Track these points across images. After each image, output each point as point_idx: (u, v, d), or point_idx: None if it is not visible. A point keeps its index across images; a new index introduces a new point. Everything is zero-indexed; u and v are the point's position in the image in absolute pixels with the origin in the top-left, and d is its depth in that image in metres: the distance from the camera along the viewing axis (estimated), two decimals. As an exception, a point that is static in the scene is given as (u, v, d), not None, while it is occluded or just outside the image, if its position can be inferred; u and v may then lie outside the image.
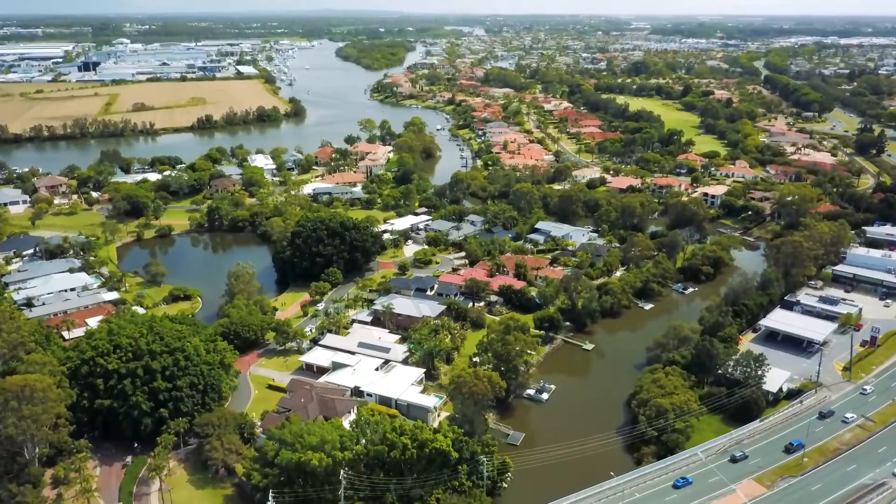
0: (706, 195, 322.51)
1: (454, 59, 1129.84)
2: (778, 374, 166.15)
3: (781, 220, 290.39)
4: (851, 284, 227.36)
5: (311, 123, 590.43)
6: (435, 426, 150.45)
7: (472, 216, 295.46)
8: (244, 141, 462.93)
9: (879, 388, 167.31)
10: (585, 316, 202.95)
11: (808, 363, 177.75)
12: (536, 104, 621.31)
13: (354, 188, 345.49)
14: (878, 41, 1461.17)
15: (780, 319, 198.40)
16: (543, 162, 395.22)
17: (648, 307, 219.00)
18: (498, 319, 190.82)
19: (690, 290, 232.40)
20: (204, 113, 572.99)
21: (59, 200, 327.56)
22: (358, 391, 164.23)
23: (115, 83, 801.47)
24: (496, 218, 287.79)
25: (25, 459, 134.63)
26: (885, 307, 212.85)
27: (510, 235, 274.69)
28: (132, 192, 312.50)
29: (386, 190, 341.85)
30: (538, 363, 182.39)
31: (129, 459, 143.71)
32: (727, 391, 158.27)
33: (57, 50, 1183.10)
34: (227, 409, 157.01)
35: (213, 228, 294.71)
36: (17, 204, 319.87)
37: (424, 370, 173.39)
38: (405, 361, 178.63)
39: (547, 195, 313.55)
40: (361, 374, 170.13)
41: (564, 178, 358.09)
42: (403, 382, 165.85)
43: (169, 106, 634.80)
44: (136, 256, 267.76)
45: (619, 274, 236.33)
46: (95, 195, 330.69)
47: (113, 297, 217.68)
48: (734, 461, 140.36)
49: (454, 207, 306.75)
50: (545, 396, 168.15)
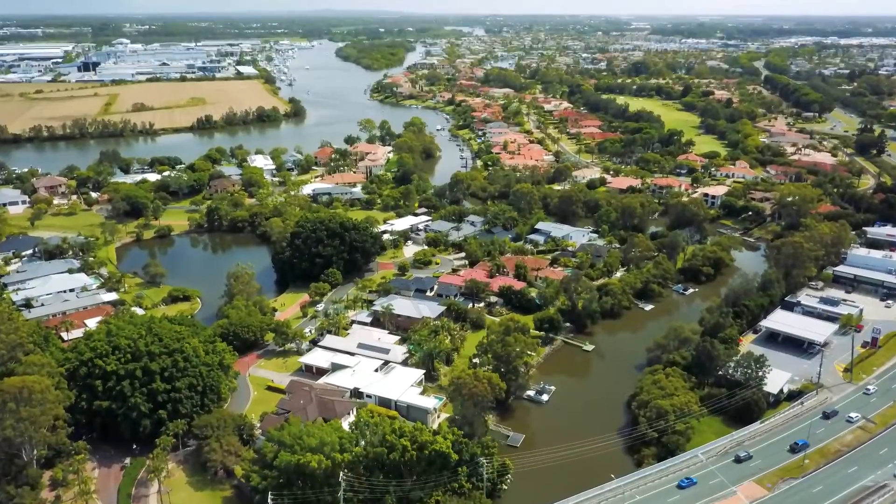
0: (706, 195, 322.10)
1: (454, 59, 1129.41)
2: (779, 375, 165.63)
3: (782, 220, 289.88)
4: (852, 285, 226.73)
5: (310, 124, 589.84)
6: (435, 427, 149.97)
7: (471, 217, 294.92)
8: (244, 141, 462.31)
9: (881, 389, 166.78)
10: (585, 317, 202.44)
11: (808, 364, 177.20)
12: (536, 104, 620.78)
13: (354, 188, 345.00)
14: (878, 41, 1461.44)
15: (780, 320, 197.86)
16: (543, 162, 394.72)
17: (649, 308, 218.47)
18: (498, 320, 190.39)
19: (691, 290, 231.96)
20: (203, 113, 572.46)
21: (58, 201, 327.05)
22: (357, 392, 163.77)
23: (114, 83, 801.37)
24: (496, 218, 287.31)
25: (24, 461, 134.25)
26: (886, 308, 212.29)
27: (510, 236, 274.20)
28: (131, 192, 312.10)
29: (386, 190, 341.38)
30: (538, 364, 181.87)
31: (127, 461, 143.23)
32: (728, 392, 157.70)
33: (57, 50, 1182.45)
34: (226, 410, 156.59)
35: (212, 229, 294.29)
36: (16, 204, 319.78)
37: (424, 371, 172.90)
38: (405, 363, 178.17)
39: (547, 196, 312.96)
40: (361, 375, 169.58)
41: (564, 178, 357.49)
42: (403, 384, 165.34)
43: (168, 106, 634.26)
44: (135, 257, 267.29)
45: (619, 275, 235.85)
46: (95, 195, 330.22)
47: (112, 297, 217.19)
48: (738, 461, 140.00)
49: (454, 208, 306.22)
50: (545, 398, 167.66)
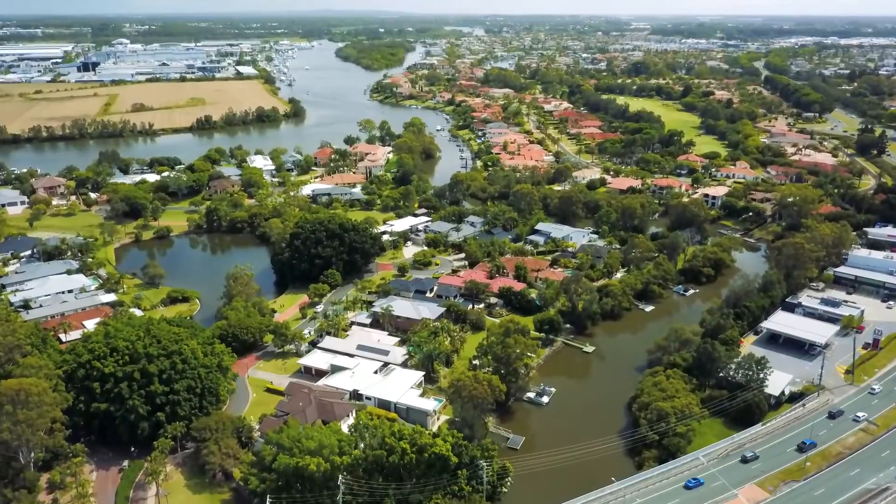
0: (707, 196, 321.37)
1: (454, 59, 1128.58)
2: (780, 377, 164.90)
3: (782, 221, 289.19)
4: (853, 286, 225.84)
5: (310, 124, 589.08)
6: (434, 430, 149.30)
7: (471, 217, 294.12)
8: (243, 141, 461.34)
9: (883, 391, 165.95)
10: (586, 318, 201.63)
11: (810, 366, 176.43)
12: (536, 105, 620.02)
13: (354, 189, 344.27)
14: (878, 41, 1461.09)
15: (781, 322, 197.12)
16: (543, 163, 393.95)
17: (649, 309, 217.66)
18: (498, 322, 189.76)
19: (691, 291, 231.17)
20: (203, 113, 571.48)
21: (57, 201, 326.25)
22: (357, 394, 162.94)
23: (114, 83, 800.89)
24: (496, 219, 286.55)
25: (21, 464, 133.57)
26: (887, 309, 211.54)
27: (510, 237, 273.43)
28: (131, 193, 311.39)
29: (385, 191, 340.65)
30: (538, 366, 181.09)
31: (125, 464, 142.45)
32: (729, 394, 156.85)
33: (56, 50, 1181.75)
34: (224, 412, 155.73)
35: (211, 230, 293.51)
36: (15, 205, 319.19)
37: (424, 373, 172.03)
38: (404, 364, 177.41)
39: (547, 196, 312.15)
40: (360, 377, 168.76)
41: (564, 178, 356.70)
42: (403, 385, 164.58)
43: (168, 106, 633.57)
44: (134, 258, 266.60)
45: (619, 276, 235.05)
46: (94, 196, 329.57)
47: (111, 298, 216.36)
48: (745, 461, 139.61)
49: (454, 208, 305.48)
50: (545, 399, 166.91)
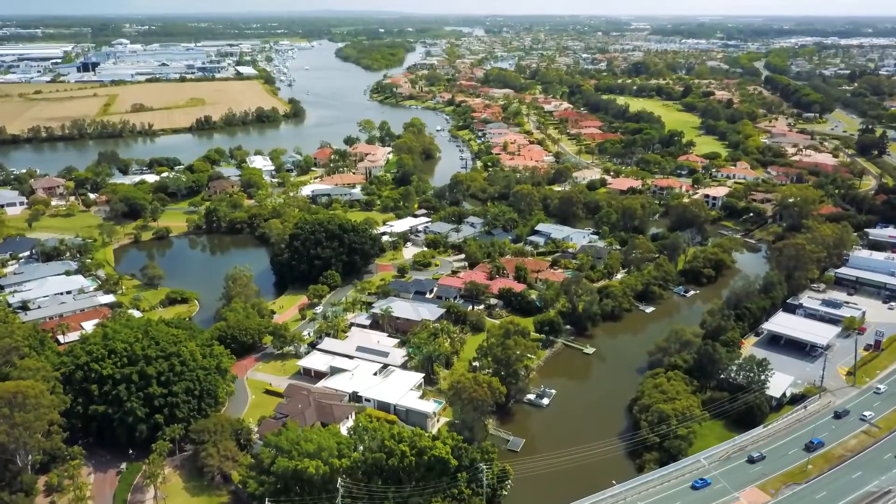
0: (707, 197, 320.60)
1: (454, 59, 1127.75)
2: (781, 378, 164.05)
3: (783, 221, 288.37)
4: (854, 287, 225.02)
5: (310, 124, 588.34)
6: (434, 432, 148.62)
7: (471, 218, 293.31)
8: (243, 142, 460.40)
9: (887, 391, 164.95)
10: (586, 319, 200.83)
11: (811, 367, 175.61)
12: (536, 105, 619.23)
13: (353, 189, 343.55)
14: (878, 41, 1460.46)
15: (782, 323, 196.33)
16: (543, 163, 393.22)
17: (649, 310, 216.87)
18: (498, 323, 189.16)
19: (692, 292, 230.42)
20: (203, 114, 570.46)
21: (56, 202, 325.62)
22: (356, 396, 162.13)
23: (113, 84, 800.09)
24: (496, 220, 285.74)
25: (18, 467, 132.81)
26: (888, 310, 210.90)
27: (510, 237, 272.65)
28: (130, 193, 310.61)
29: (385, 191, 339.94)
30: (538, 367, 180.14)
31: (123, 466, 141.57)
32: (730, 396, 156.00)
33: (56, 50, 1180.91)
34: (223, 414, 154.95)
35: (210, 230, 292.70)
36: (13, 205, 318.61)
37: (423, 375, 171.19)
38: (404, 366, 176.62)
39: (547, 197, 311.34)
40: (360, 378, 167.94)
41: (565, 179, 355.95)
42: (402, 387, 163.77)
43: (168, 107, 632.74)
44: (133, 258, 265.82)
45: (619, 276, 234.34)
46: (93, 197, 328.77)
47: (109, 300, 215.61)
48: (752, 462, 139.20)
49: (454, 209, 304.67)
50: (546, 401, 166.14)
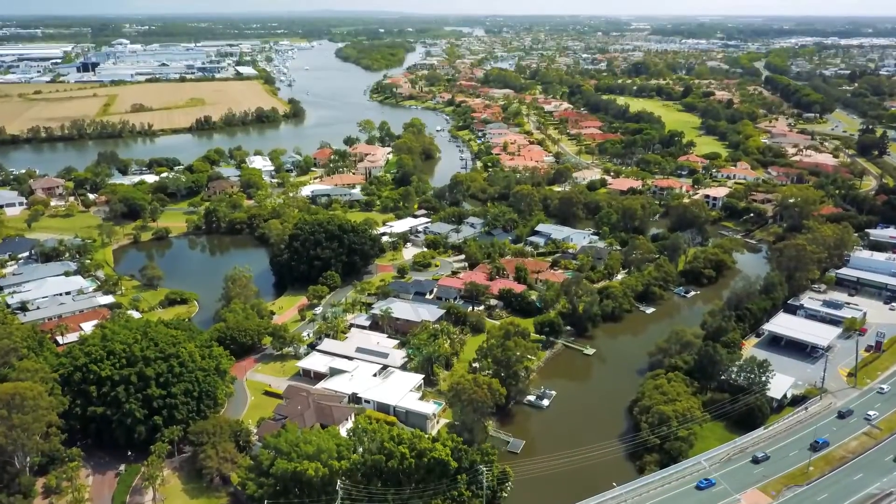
0: (708, 197, 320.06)
1: (454, 59, 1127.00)
2: (782, 380, 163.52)
3: (784, 222, 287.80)
4: (855, 288, 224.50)
5: (310, 124, 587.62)
6: (434, 433, 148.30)
7: (471, 218, 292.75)
8: (243, 142, 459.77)
9: (890, 391, 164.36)
10: (586, 320, 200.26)
11: (812, 369, 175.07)
12: (536, 105, 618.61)
13: (353, 190, 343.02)
14: (878, 42, 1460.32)
15: (783, 324, 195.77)
16: (543, 163, 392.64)
17: (650, 311, 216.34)
18: (498, 324, 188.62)
19: (692, 293, 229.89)
20: (202, 114, 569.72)
21: (55, 202, 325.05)
22: (355, 397, 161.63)
23: (113, 84, 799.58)
24: (496, 220, 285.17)
25: (16, 469, 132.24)
26: (889, 311, 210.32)
27: (510, 238, 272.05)
28: (129, 193, 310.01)
29: (385, 192, 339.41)
30: (538, 368, 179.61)
31: (122, 468, 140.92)
32: (731, 398, 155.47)
33: (56, 51, 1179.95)
34: (222, 416, 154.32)
35: (210, 231, 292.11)
36: (13, 206, 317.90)
37: (423, 376, 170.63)
38: (404, 367, 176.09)
39: (547, 197, 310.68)
40: (359, 380, 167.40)
41: (565, 179, 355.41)
42: (402, 389, 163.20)
43: (167, 107, 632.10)
44: (132, 259, 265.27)
45: (620, 277, 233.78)
46: (92, 197, 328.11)
47: (108, 300, 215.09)
48: (756, 462, 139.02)
49: (454, 209, 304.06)
50: (546, 403, 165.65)
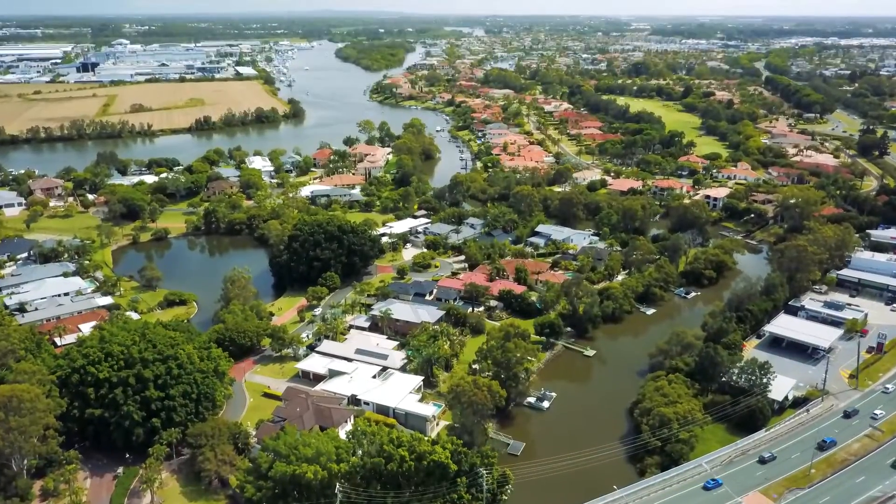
0: (708, 197, 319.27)
1: (454, 59, 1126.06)
2: (783, 381, 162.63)
3: (784, 223, 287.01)
4: (856, 289, 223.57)
5: (309, 125, 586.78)
6: (433, 435, 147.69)
7: (471, 219, 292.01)
8: (242, 142, 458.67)
9: (894, 392, 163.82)
10: (587, 321, 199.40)
11: (813, 370, 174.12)
12: (536, 105, 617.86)
13: (353, 190, 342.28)
14: (878, 42, 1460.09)
15: (784, 325, 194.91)
16: (544, 164, 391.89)
17: (650, 312, 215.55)
18: (498, 325, 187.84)
19: (693, 294, 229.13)
20: (202, 114, 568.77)
21: (54, 203, 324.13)
22: (355, 399, 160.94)
23: (113, 84, 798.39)
24: (496, 221, 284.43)
25: (13, 472, 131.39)
26: (891, 312, 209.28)
27: (510, 239, 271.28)
28: (128, 194, 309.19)
29: (385, 192, 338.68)
30: (539, 370, 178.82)
31: (120, 470, 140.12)
32: (732, 400, 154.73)
33: (56, 51, 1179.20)
34: (221, 418, 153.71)
35: (209, 231, 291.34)
36: (12, 206, 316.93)
37: (423, 377, 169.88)
38: (403, 369, 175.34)
39: (547, 198, 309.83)
40: (358, 381, 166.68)
41: (565, 180, 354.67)
42: (401, 390, 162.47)
43: (167, 107, 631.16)
44: (131, 260, 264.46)
45: (620, 278, 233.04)
46: (91, 197, 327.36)
47: (107, 301, 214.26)
48: (763, 462, 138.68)
49: (453, 210, 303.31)
50: (546, 404, 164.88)
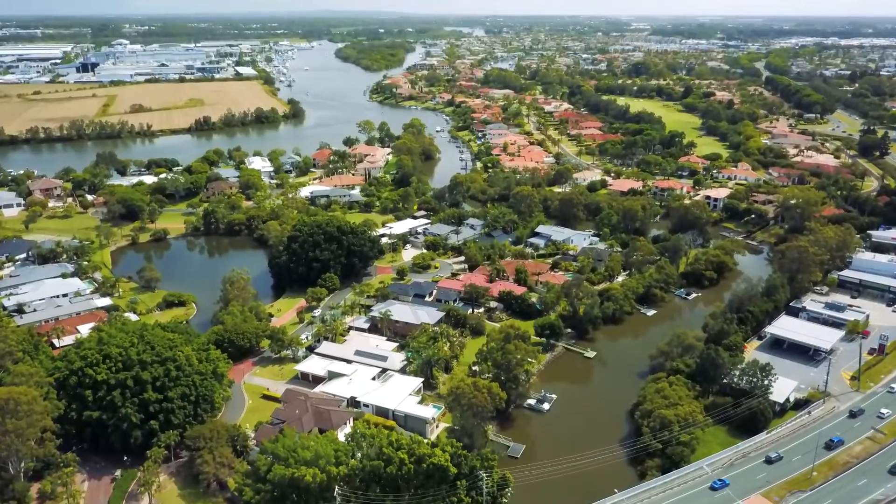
0: (708, 198, 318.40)
1: (454, 60, 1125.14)
2: (785, 383, 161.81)
3: (785, 223, 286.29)
4: (857, 290, 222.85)
5: (309, 125, 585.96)
6: (433, 437, 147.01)
7: (471, 220, 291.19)
8: (242, 143, 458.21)
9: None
10: (587, 322, 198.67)
11: (815, 372, 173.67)
12: (536, 105, 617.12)
13: (353, 191, 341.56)
14: (878, 42, 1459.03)
15: (785, 326, 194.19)
16: (544, 164, 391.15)
17: (651, 313, 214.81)
18: (498, 327, 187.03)
19: (693, 295, 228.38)
20: (202, 114, 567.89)
21: (53, 203, 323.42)
22: (354, 401, 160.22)
23: (113, 84, 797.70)
24: (496, 221, 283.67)
25: (10, 474, 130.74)
26: (893, 313, 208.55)
27: (510, 239, 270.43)
28: (128, 195, 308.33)
29: (384, 192, 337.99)
30: (539, 371, 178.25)
31: (118, 473, 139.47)
32: (733, 401, 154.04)
33: (55, 51, 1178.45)
34: (219, 420, 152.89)
35: (209, 232, 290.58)
36: (10, 207, 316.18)
37: (422, 379, 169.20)
38: (403, 370, 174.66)
39: (547, 198, 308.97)
40: (358, 383, 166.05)
41: (565, 180, 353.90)
42: (401, 392, 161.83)
43: (167, 107, 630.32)
44: (130, 261, 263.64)
45: (620, 279, 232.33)
46: (90, 198, 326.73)
47: (106, 303, 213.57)
48: (769, 462, 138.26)
49: (453, 211, 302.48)
50: (546, 406, 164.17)
